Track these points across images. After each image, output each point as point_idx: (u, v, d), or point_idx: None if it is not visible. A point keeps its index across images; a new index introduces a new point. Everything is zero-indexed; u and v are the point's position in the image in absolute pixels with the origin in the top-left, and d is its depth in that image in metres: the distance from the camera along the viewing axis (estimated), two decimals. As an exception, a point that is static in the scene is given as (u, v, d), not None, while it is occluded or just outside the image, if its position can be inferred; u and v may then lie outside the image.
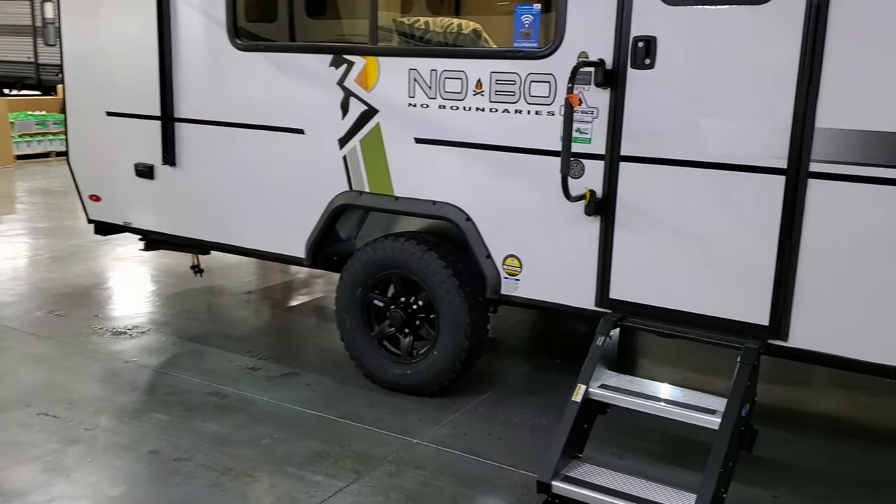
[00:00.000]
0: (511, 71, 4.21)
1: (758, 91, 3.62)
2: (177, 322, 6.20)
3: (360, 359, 5.01)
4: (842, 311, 3.60)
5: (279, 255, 5.25)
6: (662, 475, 3.93)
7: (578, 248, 4.18)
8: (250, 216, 5.28)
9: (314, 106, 4.89)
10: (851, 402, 5.11)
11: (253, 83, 5.10)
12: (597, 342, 3.95)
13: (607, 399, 3.83)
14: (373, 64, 4.64)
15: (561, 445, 3.67)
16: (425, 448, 4.26)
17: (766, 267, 3.71)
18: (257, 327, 6.30)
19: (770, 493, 3.91)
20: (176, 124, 5.48)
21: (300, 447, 4.23)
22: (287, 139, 5.03)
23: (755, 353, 3.67)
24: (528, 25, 4.15)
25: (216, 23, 5.15)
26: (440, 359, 4.70)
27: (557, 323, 6.56)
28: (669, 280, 3.96)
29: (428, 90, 4.47)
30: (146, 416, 4.53)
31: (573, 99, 3.74)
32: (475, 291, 4.64)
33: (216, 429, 4.41)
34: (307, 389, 4.98)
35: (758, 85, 3.61)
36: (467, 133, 4.41)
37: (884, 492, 3.97)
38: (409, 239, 4.74)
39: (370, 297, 4.94)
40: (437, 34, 4.65)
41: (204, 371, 5.22)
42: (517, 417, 4.66)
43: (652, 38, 3.80)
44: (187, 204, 5.57)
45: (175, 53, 5.37)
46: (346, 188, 4.87)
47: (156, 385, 4.99)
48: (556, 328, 6.50)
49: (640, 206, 3.97)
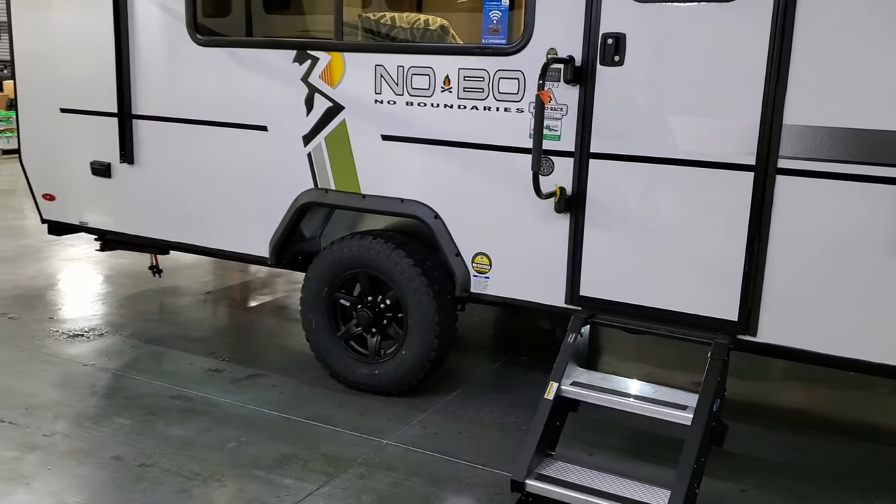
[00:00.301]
0: (479, 67, 4.18)
1: (727, 88, 3.64)
2: (135, 324, 6.06)
3: (326, 359, 4.94)
4: (809, 305, 3.65)
5: (242, 254, 5.16)
6: (633, 471, 3.94)
7: (548, 246, 4.17)
8: (212, 215, 5.17)
9: (277, 102, 4.80)
10: (812, 395, 5.20)
11: (214, 79, 4.99)
12: (568, 339, 3.94)
13: (580, 396, 3.83)
14: (338, 60, 4.57)
15: (534, 444, 3.66)
16: (395, 448, 4.21)
17: (735, 263, 3.74)
18: (218, 328, 6.19)
19: (738, 487, 3.95)
20: (134, 121, 5.34)
21: (268, 450, 4.15)
22: (250, 136, 4.93)
23: (725, 349, 3.70)
24: (496, 21, 4.13)
25: (175, 17, 5.03)
26: (409, 358, 4.65)
27: (521, 320, 6.56)
28: (640, 277, 3.98)
29: (395, 87, 4.42)
30: (107, 421, 4.41)
31: (544, 96, 3.73)
32: (444, 290, 4.61)
33: (181, 433, 4.31)
34: (273, 391, 4.90)
35: (726, 82, 3.64)
36: (435, 130, 4.37)
37: (847, 483, 4.03)
38: (377, 237, 4.69)
39: (336, 296, 4.87)
40: (403, 30, 4.60)
41: (165, 374, 5.10)
42: (487, 416, 4.64)
43: (621, 34, 3.80)
44: (146, 203, 5.43)
45: (132, 48, 5.23)
46: (311, 186, 4.80)
47: (116, 389, 4.86)
48: (520, 325, 6.50)
49: (610, 203, 3.97)
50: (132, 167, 5.42)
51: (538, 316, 6.48)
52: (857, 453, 4.37)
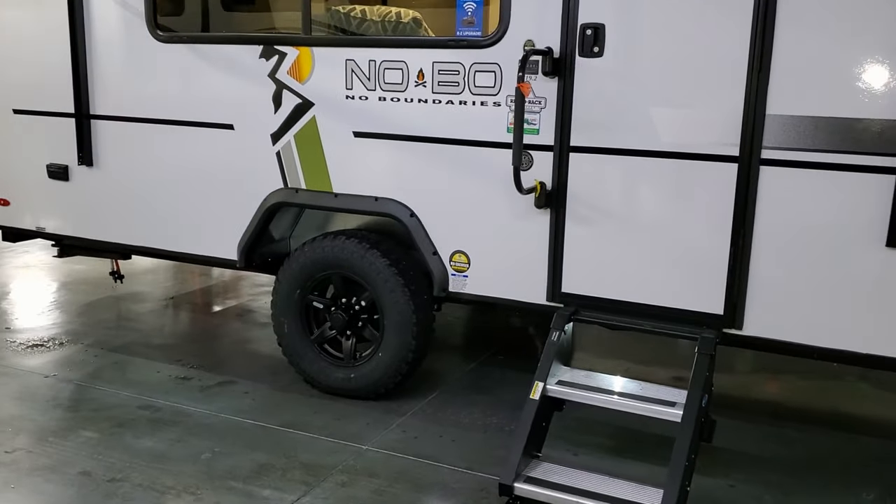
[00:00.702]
0: (454, 61, 4.07)
1: (709, 78, 3.59)
2: (96, 332, 5.84)
3: (299, 364, 4.80)
4: (795, 297, 3.61)
5: (210, 257, 4.99)
6: (620, 470, 3.87)
7: (528, 242, 4.09)
8: (178, 218, 4.99)
9: (244, 100, 4.64)
10: (785, 385, 5.18)
11: (177, 76, 4.81)
12: (552, 338, 3.86)
13: (566, 396, 3.75)
14: (307, 55, 4.43)
15: (521, 445, 3.57)
16: (376, 454, 4.09)
17: (720, 256, 3.69)
18: (184, 334, 6.00)
19: (727, 483, 3.91)
20: (92, 121, 5.13)
21: (244, 460, 4.00)
22: (215, 135, 4.77)
23: (712, 343, 3.65)
24: (471, 13, 4.02)
25: (134, 13, 4.84)
26: (386, 360, 4.53)
27: (494, 318, 6.47)
28: (623, 272, 3.91)
29: (367, 81, 4.30)
30: (73, 435, 4.21)
31: (524, 88, 3.64)
32: (420, 289, 4.50)
33: (151, 445, 4.13)
34: (245, 398, 4.74)
35: (709, 72, 3.58)
36: (410, 126, 4.25)
37: (832, 474, 4.01)
38: (350, 237, 4.56)
39: (309, 298, 4.73)
40: (374, 23, 4.47)
41: (131, 383, 4.91)
42: (467, 418, 4.54)
43: (600, 25, 3.72)
44: (107, 206, 5.23)
45: (90, 46, 5.03)
46: (280, 185, 4.65)
47: (80, 400, 4.66)
48: (492, 323, 6.42)
49: (591, 197, 3.90)
50: (91, 169, 5.21)
51: (511, 314, 6.40)
52: (836, 443, 4.36)
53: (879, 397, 5.04)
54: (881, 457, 4.20)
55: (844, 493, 3.84)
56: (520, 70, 3.65)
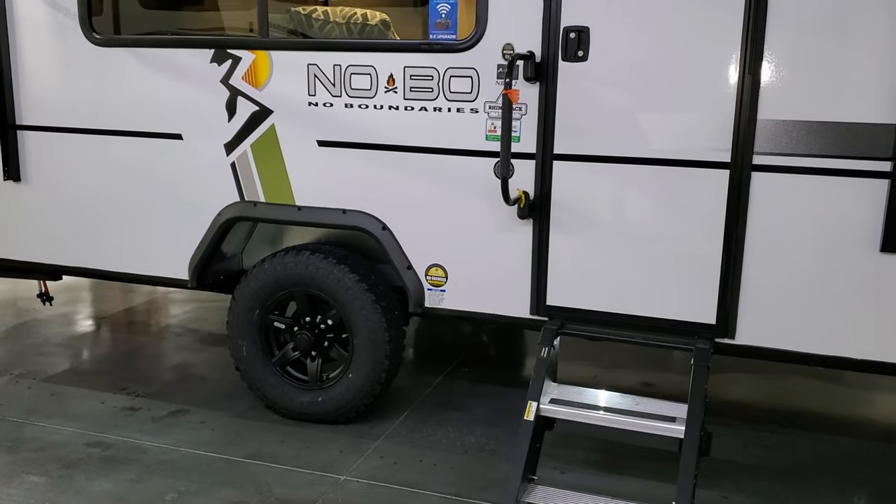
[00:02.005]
0: (428, 65, 3.86)
1: (699, 83, 3.49)
2: (24, 360, 5.38)
3: (260, 388, 4.50)
4: (788, 304, 3.56)
5: (157, 277, 4.63)
6: (613, 487, 3.78)
7: (510, 254, 3.92)
8: (121, 236, 4.61)
9: (193, 108, 4.31)
10: (759, 390, 5.17)
11: (116, 83, 4.43)
12: (542, 354, 3.70)
13: (562, 415, 3.59)
14: (263, 59, 4.14)
15: (520, 469, 3.41)
16: (356, 485, 3.85)
17: (711, 264, 3.61)
18: (123, 359, 5.58)
19: (720, 495, 3.83)
20: (18, 132, 4.70)
21: (213, 499, 3.69)
22: (161, 146, 4.42)
23: (707, 354, 3.56)
24: (444, 16, 3.82)
25: (66, 14, 4.44)
26: (357, 381, 4.29)
27: (448, 329, 6.28)
28: (611, 283, 3.78)
29: (331, 87, 4.04)
30: (17, 481, 3.81)
31: (512, 95, 3.46)
32: (392, 305, 4.28)
33: (108, 486, 3.78)
34: (203, 428, 4.41)
35: (699, 77, 3.49)
36: (379, 134, 4.02)
37: (821, 480, 3.98)
38: (315, 252, 4.29)
39: (270, 318, 4.44)
40: (338, 25, 4.21)
41: (74, 417, 4.51)
42: (444, 438, 4.34)
43: (584, 28, 3.58)
44: (37, 224, 4.79)
45: (14, 50, 4.59)
46: (236, 199, 4.34)
47: (18, 440, 4.23)
48: (449, 335, 6.23)
49: (576, 206, 3.75)
50: (18, 185, 4.77)
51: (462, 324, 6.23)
52: (816, 445, 4.35)
53: (849, 396, 5.09)
54: (862, 458, 4.21)
55: (836, 498, 3.82)
56: (507, 76, 3.46)
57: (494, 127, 3.80)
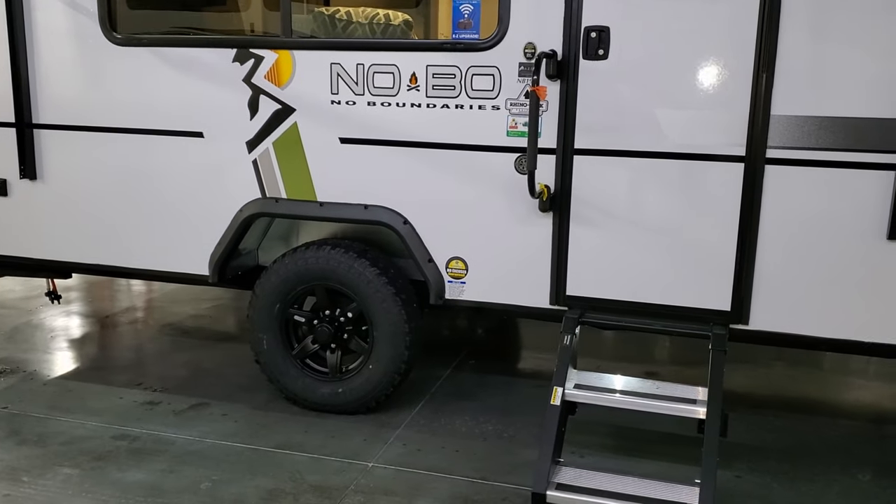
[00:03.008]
0: (450, 64, 3.99)
1: (715, 80, 3.65)
2: (37, 358, 5.42)
3: (281, 380, 4.59)
4: (800, 291, 3.73)
5: (178, 273, 4.69)
6: (634, 468, 3.91)
7: (530, 246, 4.05)
8: (139, 233, 4.67)
9: (215, 106, 4.40)
10: (755, 378, 5.35)
11: (137, 82, 4.50)
12: (564, 342, 3.84)
13: (585, 399, 3.74)
14: (286, 58, 4.23)
15: (549, 452, 3.54)
16: (384, 471, 3.96)
17: (726, 253, 3.77)
18: (134, 355, 5.64)
19: (733, 475, 3.99)
20: (36, 131, 4.74)
21: (248, 487, 3.79)
22: (183, 144, 4.49)
23: (724, 339, 3.72)
24: (467, 16, 3.95)
25: (85, 14, 4.50)
26: (378, 373, 4.40)
27: (446, 321, 6.40)
28: (629, 272, 3.93)
29: (354, 86, 4.15)
30: (50, 473, 3.87)
31: (540, 92, 3.60)
32: (411, 298, 4.39)
33: (141, 477, 3.85)
34: (226, 420, 4.49)
35: (715, 74, 3.65)
36: (402, 131, 4.13)
37: (827, 458, 4.17)
38: (335, 247, 4.39)
39: (290, 312, 4.53)
40: (361, 26, 4.32)
41: (95, 412, 4.56)
42: (463, 426, 4.47)
43: (605, 28, 3.73)
44: (54, 223, 4.84)
45: (32, 50, 4.63)
46: (258, 195, 4.43)
47: (44, 434, 4.29)
48: (449, 326, 6.35)
49: (596, 199, 3.90)
50: (35, 183, 4.82)
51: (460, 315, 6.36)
52: (818, 428, 4.54)
53: (841, 383, 5.30)
54: (864, 439, 4.41)
55: (843, 476, 4.00)
56: (534, 73, 3.61)
57: (515, 123, 3.94)
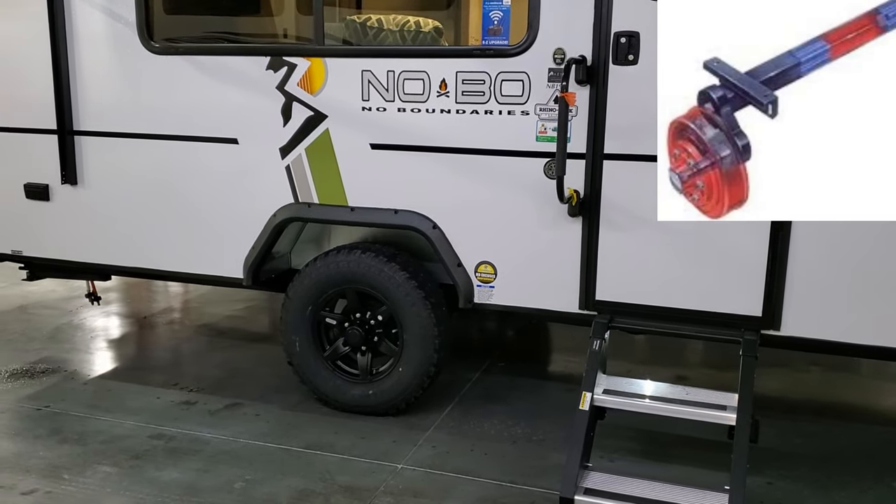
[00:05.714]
0: (480, 70, 4.02)
1: (745, 85, 3.64)
2: (77, 358, 5.55)
3: (313, 382, 4.66)
4: (832, 296, 3.71)
5: (213, 277, 4.79)
6: (661, 473, 3.89)
7: (559, 251, 4.07)
8: (175, 236, 4.77)
9: (249, 113, 4.48)
10: (789, 379, 5.31)
11: (173, 89, 4.60)
12: (593, 347, 3.85)
13: (614, 405, 3.75)
14: (319, 66, 4.30)
15: (578, 457, 3.56)
16: (413, 473, 4.00)
17: (758, 258, 3.76)
18: (171, 355, 5.76)
19: (764, 481, 3.97)
20: (76, 138, 4.86)
21: (280, 487, 3.85)
22: (218, 150, 4.58)
23: (755, 345, 3.71)
24: (497, 22, 3.98)
25: (124, 23, 4.61)
26: (408, 375, 4.45)
27: (472, 324, 6.42)
28: (659, 277, 3.93)
29: (385, 92, 4.20)
30: (90, 471, 3.98)
31: (570, 98, 3.62)
32: (440, 302, 4.44)
33: (177, 476, 3.94)
34: (259, 421, 4.57)
35: (745, 79, 3.63)
36: (431, 136, 4.18)
37: (859, 465, 4.13)
38: (366, 251, 4.45)
39: (322, 315, 4.60)
40: (391, 33, 4.38)
41: (133, 411, 4.67)
42: (492, 429, 4.50)
43: (635, 33, 3.74)
44: (94, 226, 4.95)
45: (73, 59, 4.75)
46: (290, 200, 4.50)
47: (84, 433, 4.40)
48: (475, 330, 6.38)
49: (626, 204, 3.91)
50: (76, 188, 4.94)
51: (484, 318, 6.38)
52: (853, 434, 4.50)
53: (878, 388, 5.24)
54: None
55: (877, 484, 3.96)
56: (563, 79, 3.63)
57: (545, 128, 3.96)
